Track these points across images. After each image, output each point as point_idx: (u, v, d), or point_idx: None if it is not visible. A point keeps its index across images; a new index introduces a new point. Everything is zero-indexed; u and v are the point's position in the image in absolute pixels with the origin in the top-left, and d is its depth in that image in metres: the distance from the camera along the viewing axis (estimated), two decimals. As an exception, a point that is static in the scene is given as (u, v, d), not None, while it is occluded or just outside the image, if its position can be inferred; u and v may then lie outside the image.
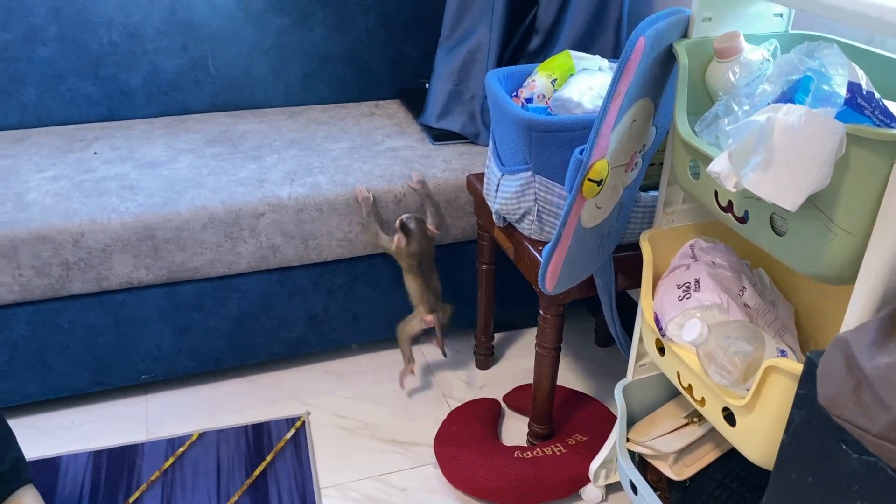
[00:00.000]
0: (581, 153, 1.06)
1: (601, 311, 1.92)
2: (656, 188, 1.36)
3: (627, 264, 1.39)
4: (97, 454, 1.56)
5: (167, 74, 1.94)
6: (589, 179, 1.07)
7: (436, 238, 1.66)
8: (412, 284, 1.65)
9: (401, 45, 2.11)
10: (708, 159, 1.01)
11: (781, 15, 1.15)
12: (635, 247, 1.37)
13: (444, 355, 1.75)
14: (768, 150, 0.83)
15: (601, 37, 1.65)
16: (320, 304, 1.74)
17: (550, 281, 1.16)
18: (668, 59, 1.12)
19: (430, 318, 1.65)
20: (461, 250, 1.79)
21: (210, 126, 1.91)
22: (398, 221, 1.60)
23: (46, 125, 1.89)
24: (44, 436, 1.61)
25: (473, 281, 1.80)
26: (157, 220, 1.52)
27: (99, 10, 1.85)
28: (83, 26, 1.85)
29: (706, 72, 1.12)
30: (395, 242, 1.60)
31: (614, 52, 1.65)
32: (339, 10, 2.02)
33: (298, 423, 1.65)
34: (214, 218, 1.56)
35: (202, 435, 1.61)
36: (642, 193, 1.35)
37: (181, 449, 1.57)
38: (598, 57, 1.48)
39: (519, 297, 1.90)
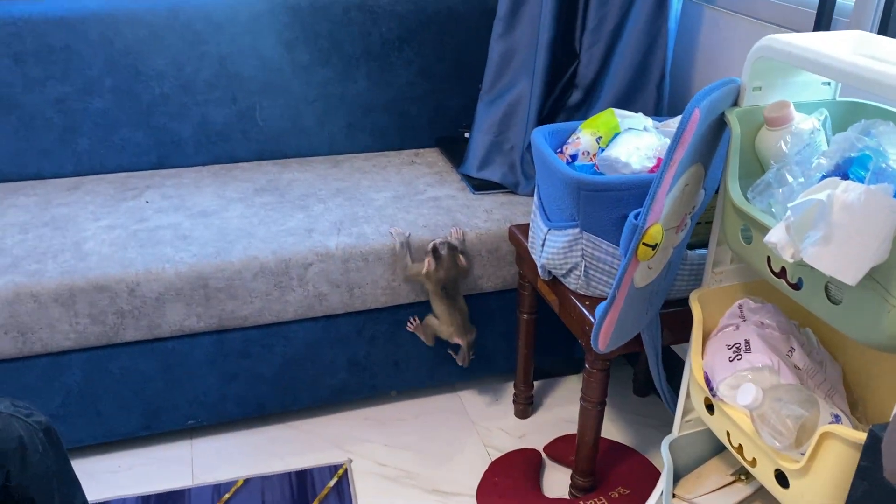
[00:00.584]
0: (636, 217, 1.09)
1: (639, 361, 1.94)
2: (702, 246, 1.38)
3: (673, 320, 1.41)
4: (145, 499, 1.59)
5: (216, 125, 1.99)
6: (644, 244, 1.09)
7: (465, 270, 1.70)
8: (438, 307, 1.69)
9: (440, 96, 2.16)
10: (761, 226, 1.04)
11: (829, 83, 1.18)
12: (681, 303, 1.40)
13: (466, 365, 1.77)
14: (828, 226, 0.86)
15: (643, 94, 1.69)
16: (363, 352, 1.77)
17: (603, 340, 1.18)
18: (718, 126, 1.15)
19: (459, 341, 1.70)
20: (501, 299, 1.82)
21: (257, 175, 1.97)
22: (431, 245, 1.65)
23: (99, 173, 1.95)
24: (92, 480, 1.64)
25: (513, 329, 1.83)
26: (211, 269, 1.57)
27: (152, 63, 1.92)
28: (137, 79, 1.92)
29: (756, 138, 1.15)
30: (424, 266, 1.64)
31: (656, 110, 1.69)
32: (382, 62, 2.08)
33: (341, 471, 1.67)
34: (265, 267, 1.60)
35: (247, 481, 1.64)
36: (689, 251, 1.37)
37: (227, 495, 1.59)
38: (641, 115, 1.51)
39: (558, 346, 1.92)
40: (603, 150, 1.47)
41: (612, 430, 1.82)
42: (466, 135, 2.09)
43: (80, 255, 1.57)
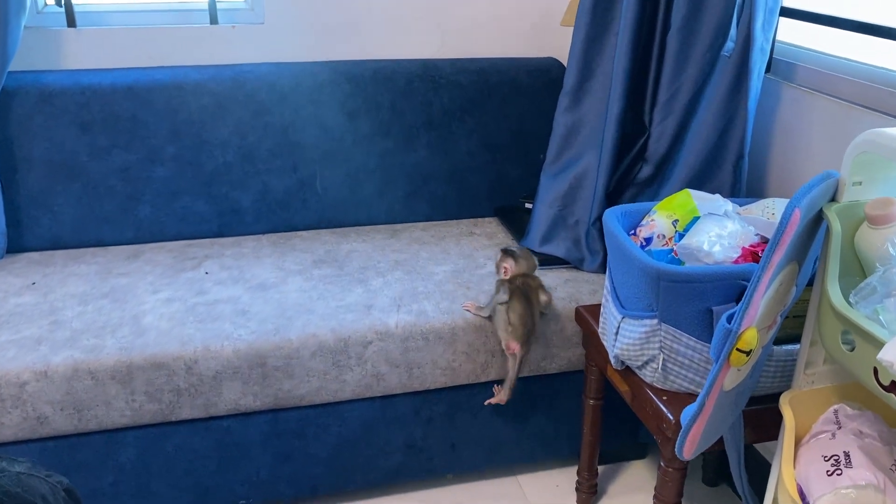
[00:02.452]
0: (729, 321, 1.02)
1: (710, 451, 1.83)
2: (789, 341, 1.30)
3: (757, 418, 1.32)
4: (193, 585, 1.53)
5: (277, 193, 1.98)
6: (738, 349, 1.02)
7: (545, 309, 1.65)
8: (515, 308, 1.56)
9: (500, 166, 2.13)
10: (867, 335, 0.96)
11: (935, 177, 1.10)
12: (765, 400, 1.31)
13: (505, 401, 1.64)
14: (959, 351, 0.78)
15: (719, 174, 1.63)
16: (419, 433, 1.70)
17: (689, 448, 1.10)
18: (815, 222, 1.08)
19: (514, 346, 1.57)
20: (565, 381, 1.74)
21: (316, 244, 1.94)
22: (500, 250, 1.67)
23: (159, 241, 1.94)
24: (140, 560, 1.59)
25: (577, 412, 1.74)
26: (269, 347, 1.53)
27: (216, 132, 1.92)
28: (200, 147, 1.92)
29: (856, 235, 1.08)
30: (503, 270, 1.63)
31: (732, 191, 1.62)
32: (442, 132, 2.06)
33: (396, 561, 1.59)
34: (324, 346, 1.55)
35: (298, 569, 1.57)
36: (775, 347, 1.29)
37: (277, 584, 1.53)
38: (718, 197, 1.45)
39: (623, 430, 1.83)
40: (680, 235, 1.41)
41: (681, 523, 1.71)
42: (527, 205, 2.05)
43: (139, 330, 1.54)
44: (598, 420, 1.68)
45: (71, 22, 1.94)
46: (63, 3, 1.93)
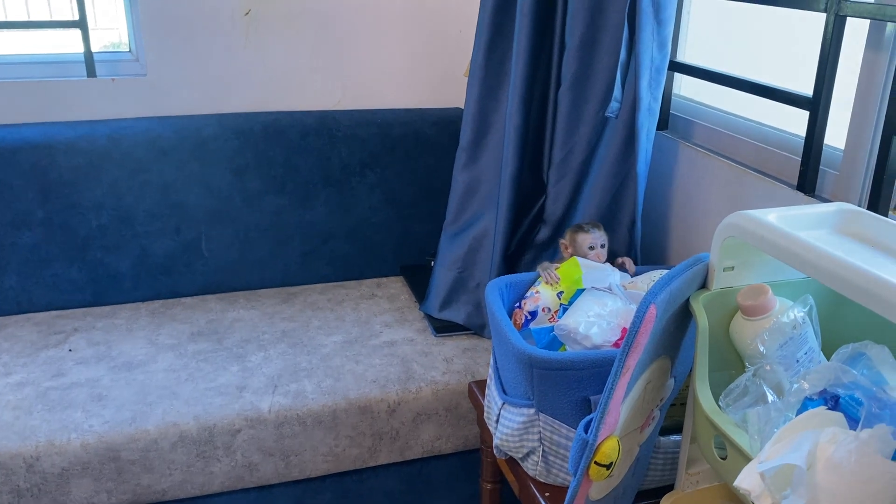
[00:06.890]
0: (586, 430, 0.90)
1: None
2: (678, 430, 1.18)
3: (647, 515, 1.20)
4: None
5: (158, 257, 1.84)
6: (596, 463, 0.90)
7: None
8: None
9: (405, 222, 2.01)
10: (736, 446, 0.85)
11: (815, 259, 1.00)
12: (658, 493, 1.19)
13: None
14: (812, 490, 0.67)
15: (614, 238, 1.52)
16: (303, 524, 1.56)
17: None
18: (684, 313, 0.97)
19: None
20: (463, 461, 1.62)
21: (198, 313, 1.80)
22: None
23: (27, 311, 1.79)
24: None
25: (476, 496, 1.61)
26: (123, 439, 1.38)
27: (89, 193, 1.78)
28: (72, 210, 1.78)
29: (730, 326, 0.98)
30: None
31: (628, 253, 1.51)
32: (342, 188, 1.94)
33: None
34: (185, 436, 1.41)
35: None
36: (662, 438, 1.18)
37: None
38: (608, 266, 1.35)
39: (528, 510, 1.70)
40: (564, 308, 1.30)
41: None
42: (433, 263, 1.93)
43: (-24, 422, 1.39)
44: (497, 504, 1.55)
45: (-70, 76, 1.80)
46: (-79, 56, 1.79)
